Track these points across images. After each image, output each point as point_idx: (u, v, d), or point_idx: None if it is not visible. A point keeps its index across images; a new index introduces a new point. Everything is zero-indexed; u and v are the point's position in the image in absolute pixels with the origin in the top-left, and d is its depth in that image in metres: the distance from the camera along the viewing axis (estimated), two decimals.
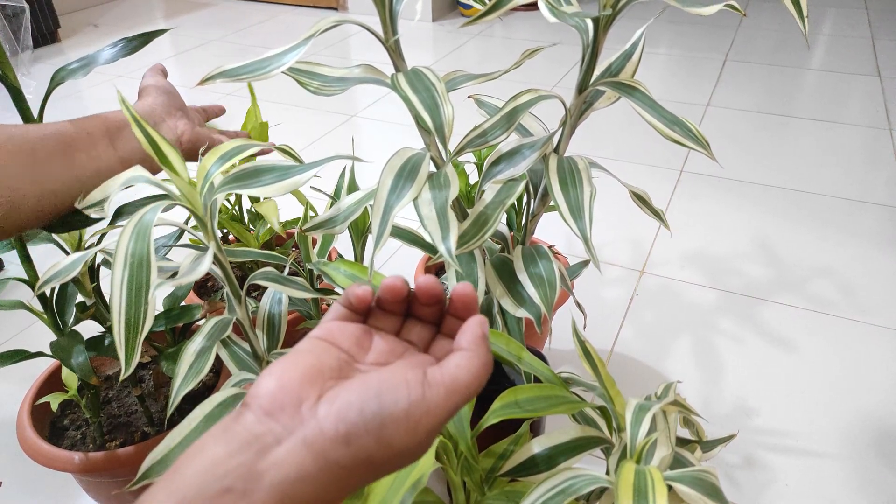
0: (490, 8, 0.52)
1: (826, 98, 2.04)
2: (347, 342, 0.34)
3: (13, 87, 0.60)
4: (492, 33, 2.67)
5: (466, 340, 0.32)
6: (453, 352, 0.32)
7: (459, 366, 0.31)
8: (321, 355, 0.32)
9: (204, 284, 1.04)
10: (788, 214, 1.47)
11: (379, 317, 0.37)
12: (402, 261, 1.35)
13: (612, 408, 0.58)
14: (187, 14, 3.04)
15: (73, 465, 0.72)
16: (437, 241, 0.49)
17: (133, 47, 0.65)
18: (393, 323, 0.37)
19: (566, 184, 0.57)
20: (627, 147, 1.76)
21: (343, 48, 2.53)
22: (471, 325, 0.33)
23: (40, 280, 0.58)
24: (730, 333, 1.15)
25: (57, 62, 2.44)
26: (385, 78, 0.56)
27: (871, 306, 1.20)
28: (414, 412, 0.29)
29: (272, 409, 0.29)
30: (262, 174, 0.51)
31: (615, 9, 0.53)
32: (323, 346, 0.33)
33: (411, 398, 0.29)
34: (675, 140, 0.55)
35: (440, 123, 0.49)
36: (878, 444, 0.94)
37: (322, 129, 1.91)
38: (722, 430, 0.96)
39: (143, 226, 0.47)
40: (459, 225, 0.59)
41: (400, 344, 0.36)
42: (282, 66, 0.50)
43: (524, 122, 0.68)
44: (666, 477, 0.49)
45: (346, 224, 0.58)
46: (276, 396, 0.30)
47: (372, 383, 0.30)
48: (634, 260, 1.33)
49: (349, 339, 0.35)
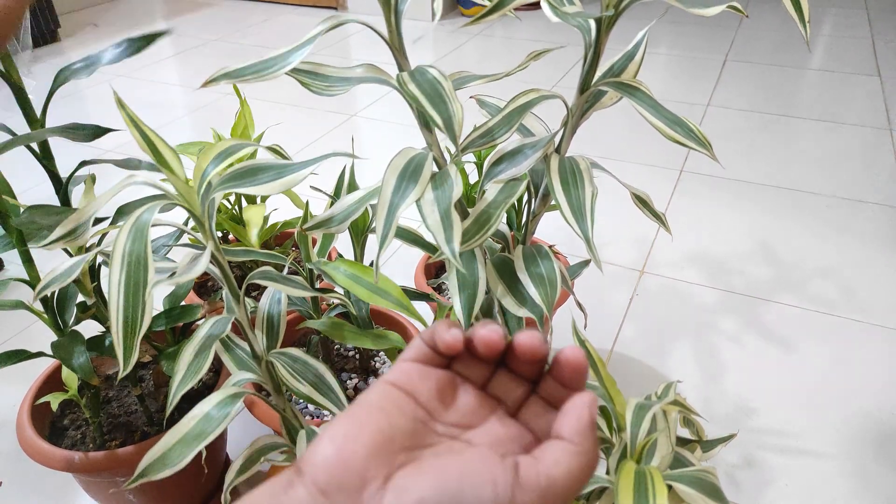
0: (491, 8, 0.52)
1: (826, 98, 2.04)
2: (427, 394, 0.29)
3: (16, 87, 0.60)
4: (492, 33, 2.67)
5: (570, 428, 0.27)
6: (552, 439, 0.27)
7: (559, 463, 0.26)
8: (394, 414, 0.27)
9: (204, 284, 1.04)
10: (789, 214, 1.47)
11: (467, 362, 0.31)
12: (402, 260, 1.35)
13: (613, 407, 0.58)
14: (187, 14, 3.04)
15: (73, 464, 0.72)
16: (442, 242, 0.49)
17: (136, 48, 0.65)
18: (482, 372, 0.31)
19: (568, 184, 0.57)
20: (628, 147, 1.76)
21: (343, 48, 2.53)
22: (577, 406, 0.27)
23: (40, 284, 0.58)
24: (730, 333, 1.15)
25: (57, 62, 2.44)
26: (389, 77, 0.56)
27: (871, 306, 1.20)
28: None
29: (329, 487, 0.25)
30: (259, 173, 0.51)
31: (617, 9, 0.53)
32: (398, 399, 0.28)
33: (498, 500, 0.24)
34: (677, 140, 0.55)
35: (449, 120, 0.49)
36: (877, 444, 0.94)
37: (322, 129, 1.91)
38: (722, 430, 0.96)
39: (140, 225, 0.47)
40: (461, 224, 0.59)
41: (487, 400, 0.30)
42: (287, 66, 0.50)
43: (526, 121, 0.68)
44: (666, 476, 0.49)
45: (346, 223, 0.58)
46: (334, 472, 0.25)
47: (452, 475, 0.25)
48: (635, 260, 1.33)
49: (430, 390, 0.29)
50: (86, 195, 0.63)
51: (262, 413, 0.78)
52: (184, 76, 2.32)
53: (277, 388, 0.67)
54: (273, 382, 0.67)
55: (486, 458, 0.26)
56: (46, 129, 0.59)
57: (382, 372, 0.89)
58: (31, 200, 0.92)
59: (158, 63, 2.43)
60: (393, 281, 0.69)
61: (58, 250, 0.69)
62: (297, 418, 0.68)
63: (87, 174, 0.66)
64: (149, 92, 2.19)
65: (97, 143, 1.73)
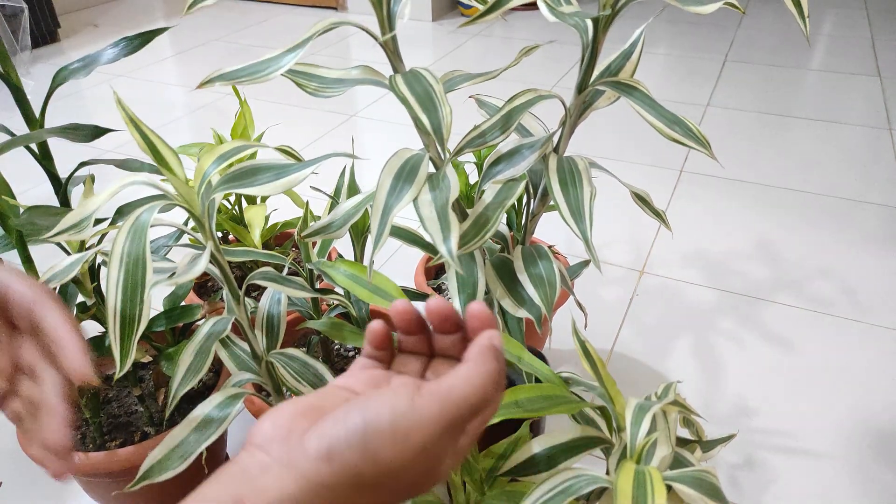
0: (489, 8, 0.52)
1: (826, 98, 2.04)
2: (363, 386, 0.33)
3: (15, 87, 0.60)
4: (491, 33, 2.67)
5: (471, 353, 0.30)
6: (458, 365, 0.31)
7: (458, 375, 0.29)
8: (327, 396, 0.31)
9: (204, 285, 1.04)
10: (788, 214, 1.47)
11: (403, 361, 0.35)
12: (402, 261, 1.35)
13: (612, 408, 0.58)
14: (187, 14, 3.04)
15: (72, 465, 0.72)
16: (438, 242, 0.49)
17: (134, 47, 0.65)
18: (417, 366, 0.35)
19: (566, 184, 0.57)
20: (627, 147, 1.76)
21: (342, 48, 2.53)
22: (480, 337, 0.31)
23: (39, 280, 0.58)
24: (730, 333, 1.15)
25: (57, 62, 2.44)
26: (383, 79, 0.56)
27: (871, 306, 1.20)
28: (400, 423, 0.27)
29: (264, 442, 0.29)
30: (259, 173, 0.51)
31: (614, 9, 0.53)
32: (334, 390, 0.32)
33: (396, 409, 0.28)
34: (676, 139, 0.55)
35: (438, 125, 0.49)
36: (877, 444, 0.94)
37: (322, 129, 1.91)
38: (722, 430, 0.96)
39: (139, 226, 0.47)
40: (459, 226, 0.59)
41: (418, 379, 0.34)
42: (280, 68, 0.50)
43: (524, 121, 0.68)
44: (666, 477, 0.49)
45: (345, 228, 0.58)
46: (268, 432, 0.29)
47: (359, 400, 0.29)
48: (634, 260, 1.33)
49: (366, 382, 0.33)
50: (85, 196, 0.63)
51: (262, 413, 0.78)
52: (183, 76, 2.32)
53: (277, 388, 0.67)
54: (273, 383, 0.67)
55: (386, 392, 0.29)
56: (45, 129, 0.59)
57: None
58: (31, 201, 0.92)
59: (158, 63, 2.43)
60: (393, 281, 0.69)
61: (57, 251, 0.69)
62: None
63: (86, 175, 0.66)
64: (148, 92, 2.19)
65: (97, 143, 1.73)
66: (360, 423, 0.27)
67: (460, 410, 0.28)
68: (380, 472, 0.27)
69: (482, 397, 0.29)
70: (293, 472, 0.27)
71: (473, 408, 0.29)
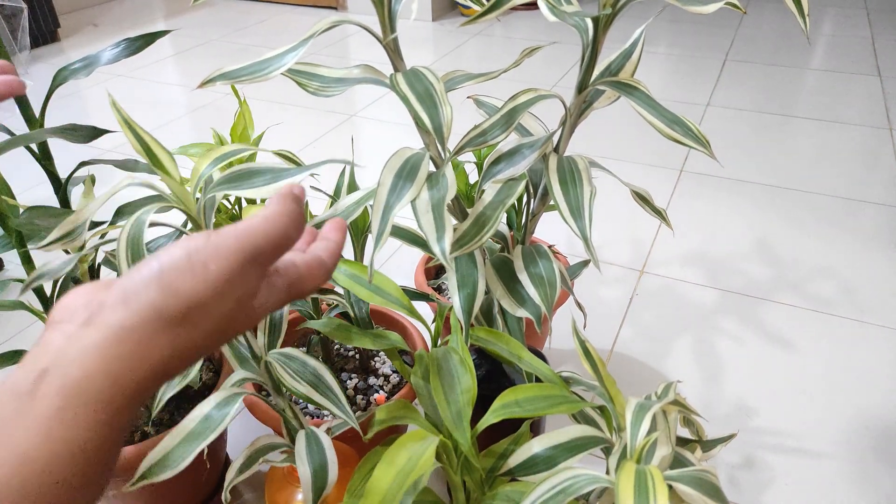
0: (489, 8, 0.52)
1: (826, 98, 2.04)
2: None
3: None
4: (491, 33, 2.67)
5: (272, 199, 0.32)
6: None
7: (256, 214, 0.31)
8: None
9: None
10: (788, 214, 1.47)
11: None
12: (402, 260, 1.35)
13: (613, 407, 0.58)
14: (187, 14, 3.04)
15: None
16: (432, 241, 0.49)
17: (135, 48, 0.65)
18: None
19: (566, 183, 0.57)
20: (627, 147, 1.76)
21: (342, 47, 2.53)
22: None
23: (31, 275, 0.58)
24: (730, 333, 1.15)
25: (57, 62, 2.44)
26: (384, 78, 0.56)
27: (871, 306, 1.20)
28: (197, 256, 0.28)
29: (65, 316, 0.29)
30: (256, 176, 0.51)
31: (615, 8, 0.53)
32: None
33: (191, 245, 0.28)
34: (676, 139, 0.55)
35: (439, 124, 0.49)
36: (877, 444, 0.94)
37: (322, 129, 1.91)
38: (722, 430, 0.96)
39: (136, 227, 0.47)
40: (459, 225, 0.59)
41: None
42: (281, 67, 0.50)
43: (524, 121, 0.68)
44: (666, 476, 0.49)
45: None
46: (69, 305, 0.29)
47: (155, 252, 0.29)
48: (634, 260, 1.33)
49: None
50: (85, 196, 0.63)
51: (262, 413, 0.78)
52: (184, 76, 2.32)
53: (277, 387, 0.67)
54: (272, 382, 0.67)
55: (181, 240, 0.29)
56: (45, 129, 0.59)
57: (383, 372, 0.89)
58: (31, 201, 0.92)
59: (158, 63, 2.43)
60: (393, 280, 0.69)
61: (58, 251, 0.69)
62: (298, 418, 0.68)
63: (86, 175, 0.66)
64: (149, 92, 2.19)
65: (97, 143, 1.73)
66: (155, 266, 0.28)
67: (258, 241, 0.29)
68: (183, 304, 0.28)
69: (282, 232, 0.30)
70: (91, 328, 0.27)
71: (272, 241, 0.30)
